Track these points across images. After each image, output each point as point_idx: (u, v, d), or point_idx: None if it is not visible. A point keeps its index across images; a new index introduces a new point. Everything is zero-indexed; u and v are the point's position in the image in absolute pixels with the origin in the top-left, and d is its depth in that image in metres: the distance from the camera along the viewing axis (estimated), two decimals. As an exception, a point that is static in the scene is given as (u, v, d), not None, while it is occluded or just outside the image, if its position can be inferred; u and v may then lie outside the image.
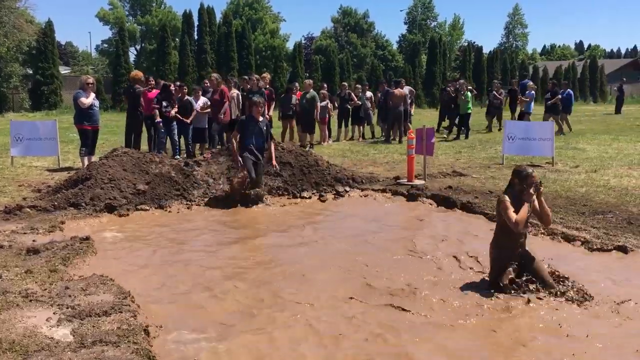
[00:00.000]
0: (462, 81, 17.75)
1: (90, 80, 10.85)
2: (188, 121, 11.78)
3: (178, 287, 4.60)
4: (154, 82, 12.46)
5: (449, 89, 17.07)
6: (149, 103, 11.60)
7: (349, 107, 16.29)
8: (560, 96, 17.16)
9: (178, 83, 13.03)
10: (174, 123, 11.61)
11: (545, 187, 8.53)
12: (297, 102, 14.50)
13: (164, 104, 11.36)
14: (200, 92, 12.65)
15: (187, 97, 12.03)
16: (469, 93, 16.36)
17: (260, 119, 7.55)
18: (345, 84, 18.24)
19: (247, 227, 6.79)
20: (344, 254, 5.58)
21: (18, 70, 32.00)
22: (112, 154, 8.38)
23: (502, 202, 4.40)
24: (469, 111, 16.27)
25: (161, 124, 11.35)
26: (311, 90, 14.87)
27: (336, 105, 17.19)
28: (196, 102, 12.26)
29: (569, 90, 18.57)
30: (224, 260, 5.36)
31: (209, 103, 12.39)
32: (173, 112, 11.46)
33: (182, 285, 4.64)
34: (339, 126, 16.70)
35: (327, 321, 3.95)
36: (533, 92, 17.68)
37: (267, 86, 14.04)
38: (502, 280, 4.38)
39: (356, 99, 16.35)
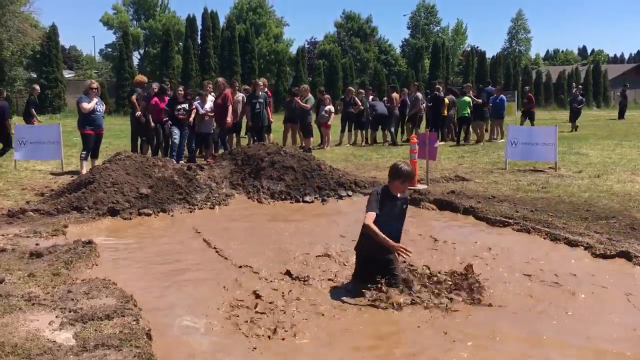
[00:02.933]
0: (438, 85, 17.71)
1: (95, 85, 10.87)
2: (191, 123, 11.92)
3: (181, 291, 4.59)
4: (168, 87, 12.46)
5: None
6: (158, 110, 11.66)
7: (352, 111, 16.35)
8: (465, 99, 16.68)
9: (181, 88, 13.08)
10: (186, 128, 11.77)
11: (548, 192, 8.57)
12: (296, 106, 14.70)
13: (178, 107, 11.53)
14: (208, 97, 12.68)
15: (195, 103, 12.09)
16: (467, 98, 16.52)
17: (399, 195, 4.75)
18: (352, 88, 18.28)
19: (253, 230, 6.78)
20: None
21: (22, 74, 32.19)
22: (115, 157, 8.40)
23: None
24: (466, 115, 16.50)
25: (171, 125, 11.52)
26: (309, 95, 14.95)
27: (339, 109, 17.28)
28: (203, 107, 12.33)
29: (502, 95, 17.71)
30: (229, 264, 5.35)
31: (211, 106, 12.43)
32: (191, 119, 11.75)
33: (185, 289, 4.64)
34: (342, 131, 16.75)
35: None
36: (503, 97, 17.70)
37: (265, 90, 14.10)
38: None
39: (360, 104, 16.41)
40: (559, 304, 4.32)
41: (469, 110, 16.42)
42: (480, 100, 16.78)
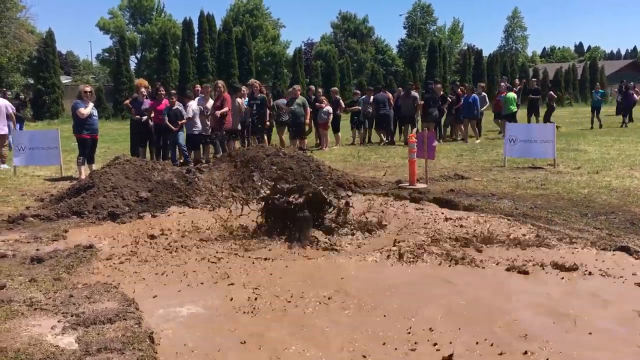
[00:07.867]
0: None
1: (88, 89, 10.90)
2: (176, 129, 11.82)
3: (183, 294, 4.59)
4: (163, 92, 12.41)
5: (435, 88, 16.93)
6: (157, 113, 11.73)
7: (339, 113, 16.43)
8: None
9: (161, 89, 12.87)
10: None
11: (547, 189, 8.58)
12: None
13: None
14: (209, 100, 12.66)
15: (176, 105, 11.97)
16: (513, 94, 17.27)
17: None
18: (335, 88, 18.26)
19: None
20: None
21: (19, 80, 32.21)
22: (114, 162, 8.40)
23: None
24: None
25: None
26: (299, 95, 14.86)
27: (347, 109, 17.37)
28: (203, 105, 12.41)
29: (474, 95, 17.13)
30: (229, 266, 5.35)
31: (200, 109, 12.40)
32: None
33: (187, 292, 4.63)
34: (352, 128, 16.85)
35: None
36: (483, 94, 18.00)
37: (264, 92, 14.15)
38: None
39: (343, 105, 16.56)
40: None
41: (515, 106, 17.11)
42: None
